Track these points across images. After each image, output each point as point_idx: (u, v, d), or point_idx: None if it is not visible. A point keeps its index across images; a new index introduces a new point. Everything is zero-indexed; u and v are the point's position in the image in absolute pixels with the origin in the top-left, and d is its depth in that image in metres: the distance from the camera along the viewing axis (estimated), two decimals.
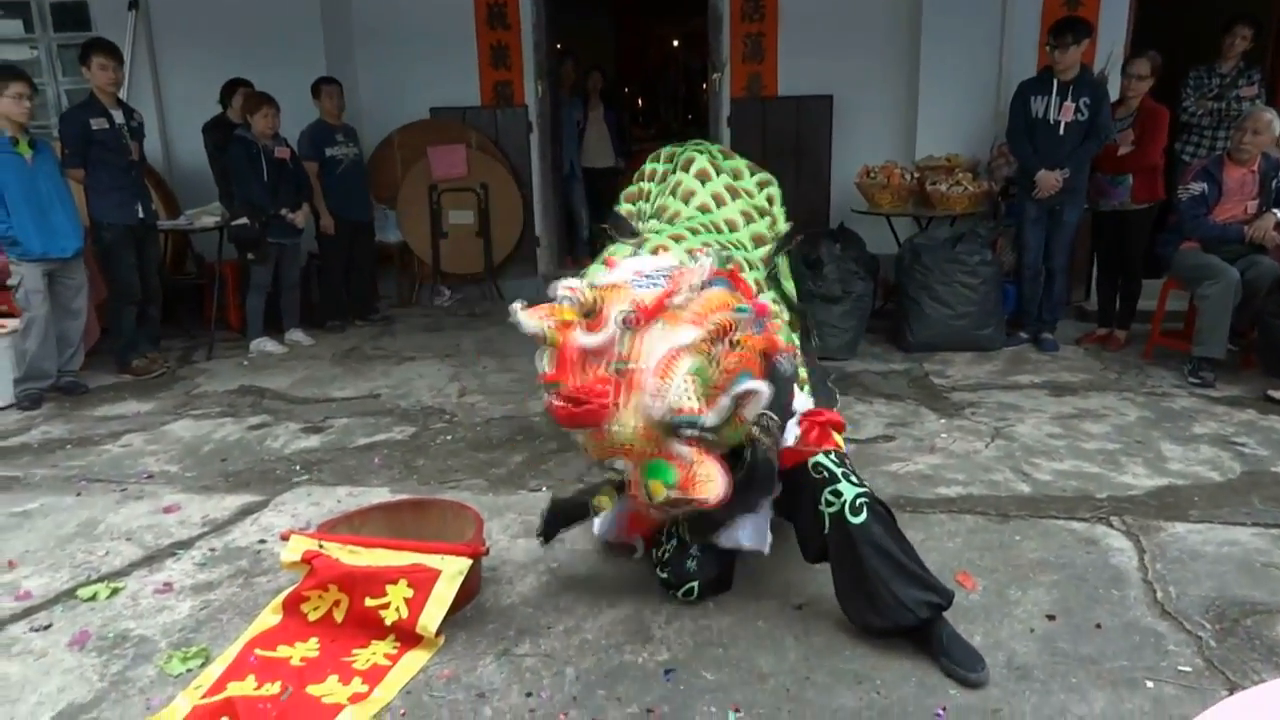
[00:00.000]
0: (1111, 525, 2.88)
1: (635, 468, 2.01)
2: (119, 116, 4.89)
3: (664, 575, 2.47)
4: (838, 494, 2.23)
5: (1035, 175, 4.89)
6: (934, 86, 6.14)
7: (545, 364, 2.03)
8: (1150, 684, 2.05)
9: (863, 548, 2.19)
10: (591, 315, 2.03)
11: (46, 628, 2.43)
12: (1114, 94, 5.12)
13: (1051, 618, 2.34)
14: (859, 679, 2.10)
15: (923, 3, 6.05)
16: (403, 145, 6.87)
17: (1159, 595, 2.44)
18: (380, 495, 3.25)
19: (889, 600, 2.16)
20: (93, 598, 2.57)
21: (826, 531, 2.26)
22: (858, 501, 2.22)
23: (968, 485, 3.24)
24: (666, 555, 2.48)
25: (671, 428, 1.93)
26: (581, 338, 2.01)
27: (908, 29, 6.22)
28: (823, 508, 2.25)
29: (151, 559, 2.82)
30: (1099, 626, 2.30)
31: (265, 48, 6.34)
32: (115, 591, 2.61)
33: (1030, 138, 4.95)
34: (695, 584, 2.43)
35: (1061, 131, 4.84)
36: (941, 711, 1.97)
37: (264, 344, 5.51)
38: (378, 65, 6.82)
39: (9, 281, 4.53)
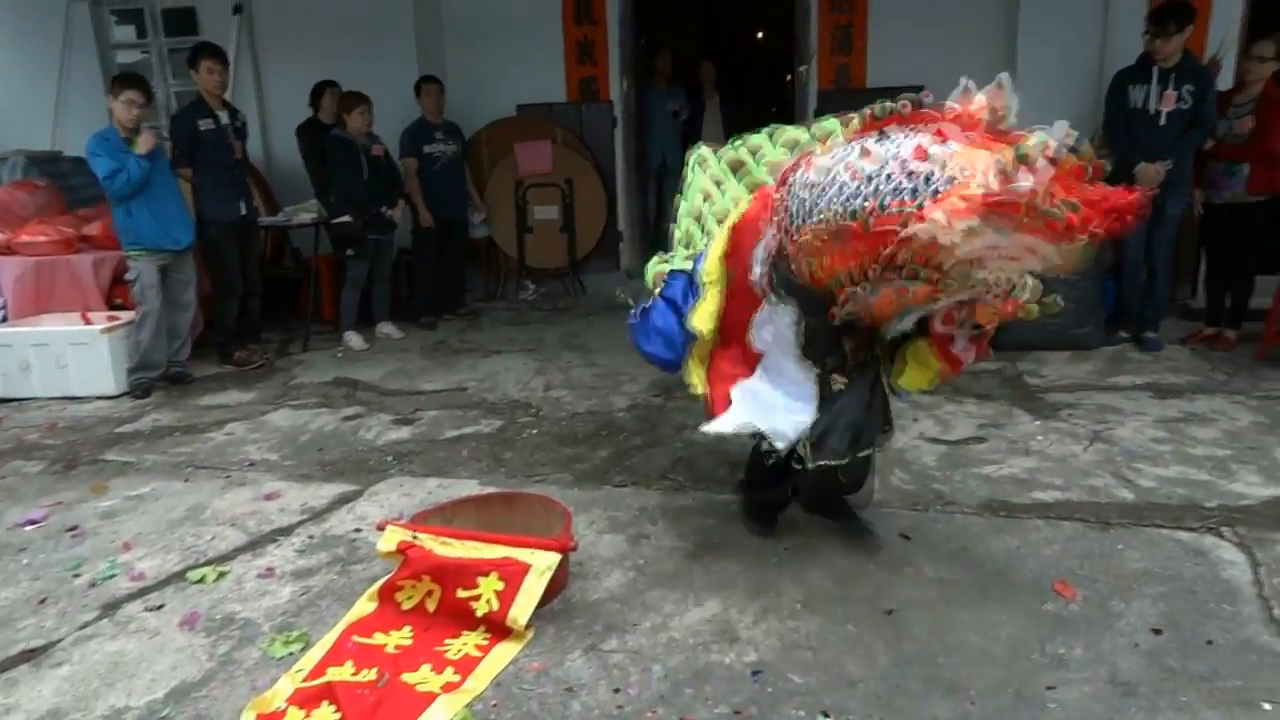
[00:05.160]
0: (1222, 536, 2.74)
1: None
2: (224, 117, 5.10)
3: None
4: None
5: (1135, 168, 4.68)
6: (1031, 75, 5.91)
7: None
8: (1268, 706, 1.95)
9: None
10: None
11: (159, 608, 2.55)
12: (1228, 80, 4.86)
13: (1158, 632, 2.24)
14: (952, 688, 2.05)
15: None
16: (490, 142, 6.99)
17: (1276, 612, 2.31)
18: (469, 487, 3.32)
19: None
20: (201, 580, 2.69)
21: None
22: None
23: (1065, 490, 3.13)
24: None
25: None
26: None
27: (1003, 15, 6.04)
28: None
29: (255, 544, 2.94)
30: (1210, 643, 2.19)
31: (360, 49, 6.54)
32: (222, 575, 2.72)
33: (1129, 129, 4.73)
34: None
35: (1163, 121, 4.62)
36: None
37: (350, 338, 5.65)
38: (467, 64, 6.96)
39: (126, 276, 4.78)
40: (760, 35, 12.39)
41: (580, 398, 4.43)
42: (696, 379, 2.60)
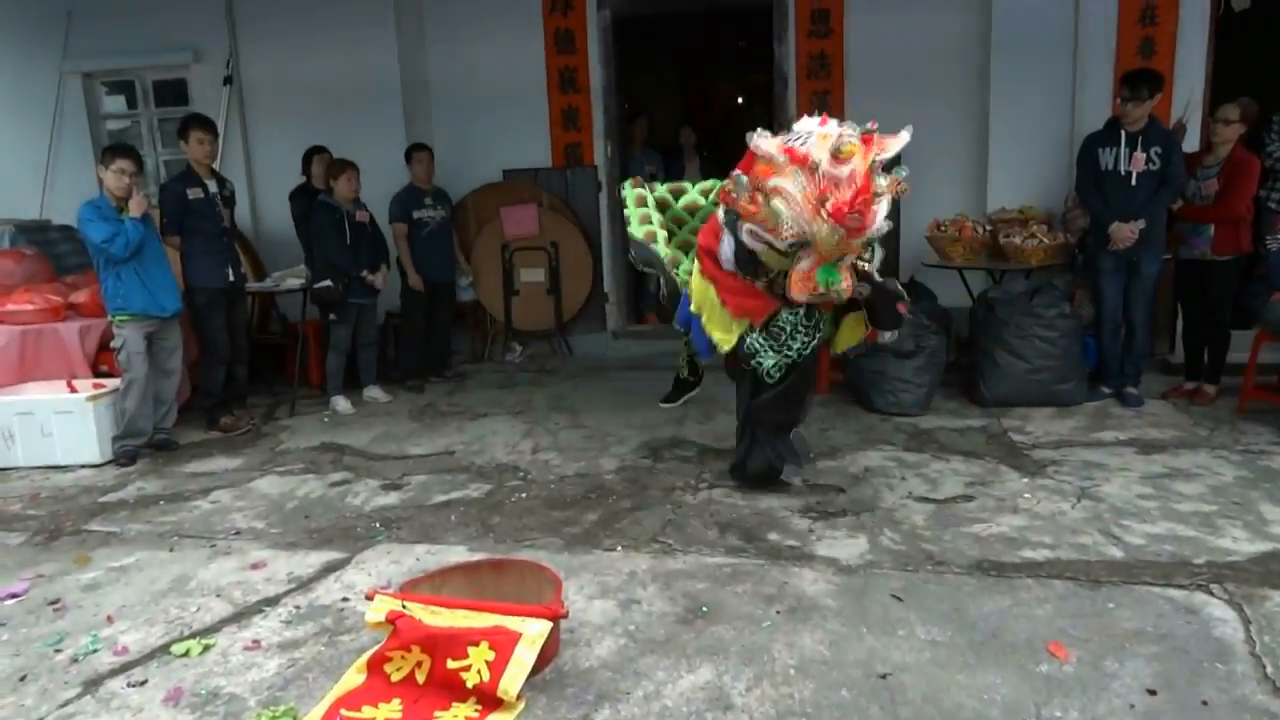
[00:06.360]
0: (1212, 593, 2.75)
1: (815, 265, 3.03)
2: (213, 186, 5.15)
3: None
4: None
5: (1109, 228, 4.79)
6: (1004, 137, 6.10)
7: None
8: None
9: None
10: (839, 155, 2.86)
11: (142, 684, 2.50)
12: (1194, 142, 5.01)
13: (1153, 693, 2.24)
14: None
15: (991, 54, 6.06)
16: (476, 206, 7.07)
17: (1269, 670, 2.31)
18: (458, 553, 3.30)
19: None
20: (186, 654, 2.65)
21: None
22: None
23: (1055, 548, 3.14)
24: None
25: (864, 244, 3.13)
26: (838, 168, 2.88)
27: (976, 81, 6.21)
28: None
29: (240, 615, 2.90)
30: (1205, 703, 2.18)
31: (348, 118, 6.66)
32: (207, 648, 2.68)
33: (1101, 190, 4.86)
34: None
35: (1134, 182, 4.75)
36: None
37: (337, 403, 5.64)
38: (454, 130, 7.06)
39: (112, 344, 4.77)
40: (741, 101, 12.69)
41: (569, 460, 4.43)
42: (720, 333, 3.50)
